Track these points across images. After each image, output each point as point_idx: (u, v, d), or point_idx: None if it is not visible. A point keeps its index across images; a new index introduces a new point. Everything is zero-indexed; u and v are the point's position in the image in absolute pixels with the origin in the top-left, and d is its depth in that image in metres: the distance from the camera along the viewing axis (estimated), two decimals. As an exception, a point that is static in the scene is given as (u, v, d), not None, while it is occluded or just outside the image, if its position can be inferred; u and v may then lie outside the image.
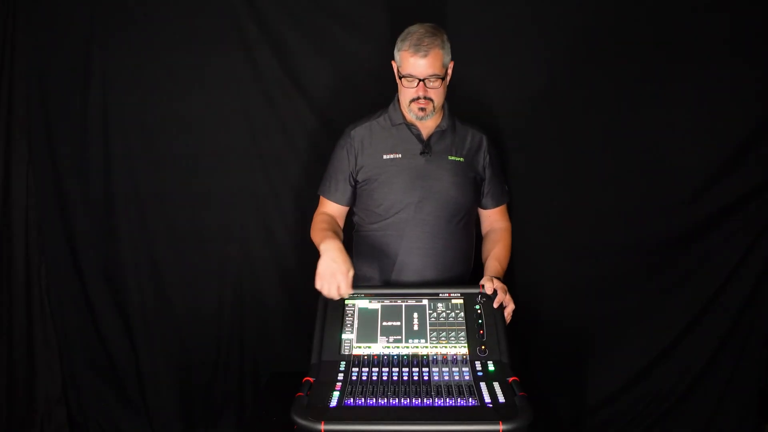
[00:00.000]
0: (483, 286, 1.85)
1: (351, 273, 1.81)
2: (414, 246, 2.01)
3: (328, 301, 1.82)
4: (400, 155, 2.01)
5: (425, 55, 1.87)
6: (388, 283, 2.03)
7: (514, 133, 2.47)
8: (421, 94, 1.91)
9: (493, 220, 2.16)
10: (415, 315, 1.80)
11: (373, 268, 2.07)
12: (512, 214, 2.27)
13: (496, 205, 2.15)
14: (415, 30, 1.91)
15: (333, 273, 1.80)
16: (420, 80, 1.90)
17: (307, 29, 2.42)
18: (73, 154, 2.48)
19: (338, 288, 1.79)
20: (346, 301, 1.83)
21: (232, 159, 2.49)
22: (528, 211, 2.49)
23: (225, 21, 2.41)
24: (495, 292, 1.82)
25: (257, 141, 2.49)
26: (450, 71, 1.98)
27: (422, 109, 1.94)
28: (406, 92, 1.95)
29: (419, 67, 1.89)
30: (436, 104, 1.95)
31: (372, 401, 1.50)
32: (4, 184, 2.47)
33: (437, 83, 1.91)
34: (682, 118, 2.44)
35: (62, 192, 2.49)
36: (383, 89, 2.23)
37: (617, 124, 2.46)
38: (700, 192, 2.48)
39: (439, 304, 1.82)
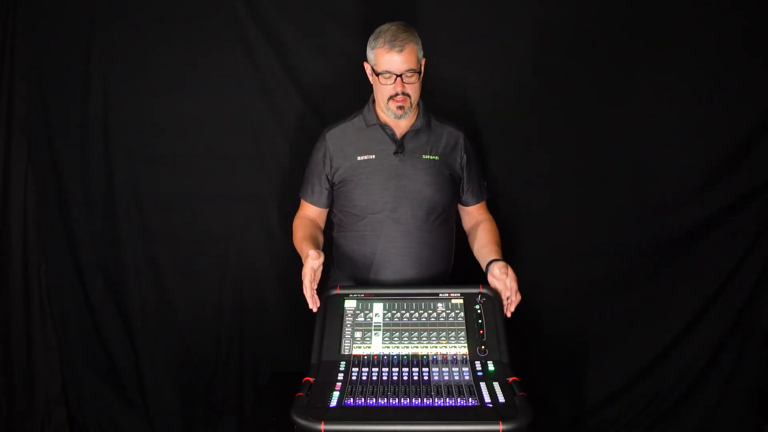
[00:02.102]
0: (499, 272, 1.85)
1: (320, 258, 1.82)
2: (391, 245, 2.01)
3: (328, 301, 1.82)
4: (373, 156, 2.01)
5: (401, 50, 1.88)
6: (367, 283, 2.03)
7: (512, 133, 2.47)
8: (399, 89, 1.92)
9: (475, 216, 2.17)
10: (415, 315, 1.80)
11: (351, 267, 2.08)
12: (512, 214, 2.27)
13: (477, 202, 2.15)
14: (388, 27, 1.92)
15: (310, 283, 1.81)
16: (397, 76, 1.90)
17: (308, 29, 2.42)
18: (73, 154, 2.48)
19: (312, 271, 1.79)
20: (346, 301, 1.83)
21: (232, 159, 2.49)
22: (528, 212, 2.49)
23: (225, 21, 2.41)
24: (498, 295, 1.83)
25: (257, 141, 2.49)
26: (422, 68, 1.99)
27: (400, 107, 1.94)
28: (384, 90, 1.95)
29: (396, 63, 1.89)
30: (413, 100, 1.95)
31: (372, 401, 1.50)
32: (4, 184, 2.47)
33: (414, 78, 1.92)
34: (682, 118, 2.44)
35: (62, 192, 2.50)
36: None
37: (617, 125, 2.46)
38: (700, 192, 2.48)
39: (439, 304, 1.82)
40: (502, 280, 1.84)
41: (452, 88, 2.43)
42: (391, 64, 1.90)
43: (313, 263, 1.80)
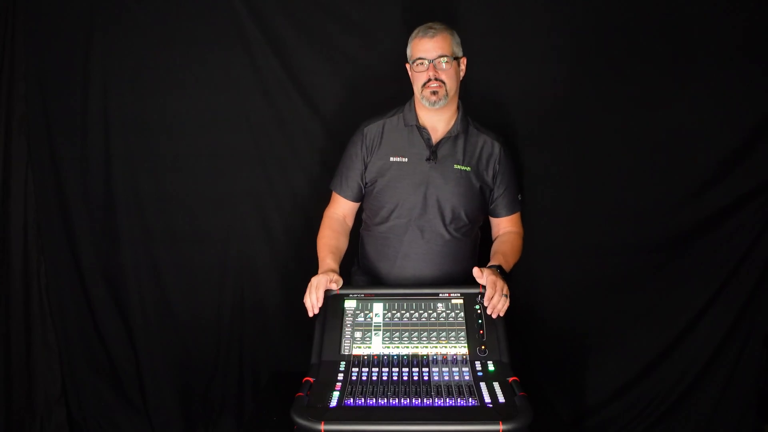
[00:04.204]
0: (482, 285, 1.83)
1: (334, 283, 1.85)
2: (412, 251, 2.01)
3: (328, 301, 1.82)
4: (406, 159, 2.01)
5: (434, 36, 1.92)
6: (387, 285, 2.03)
7: (516, 134, 2.47)
8: (432, 74, 1.92)
9: (503, 228, 2.15)
10: (415, 315, 1.80)
11: (374, 267, 2.08)
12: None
13: (507, 214, 2.13)
14: (424, 23, 1.97)
15: (317, 285, 1.82)
16: (430, 61, 1.92)
17: (308, 30, 2.42)
18: (73, 154, 2.48)
19: (316, 297, 1.80)
20: (346, 302, 1.83)
21: (232, 159, 2.49)
22: (529, 211, 2.49)
23: (225, 21, 2.40)
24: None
25: (257, 141, 2.49)
26: (463, 66, 2.00)
27: (434, 93, 1.93)
28: (418, 77, 1.95)
29: (428, 50, 1.92)
30: (448, 88, 1.94)
31: (372, 401, 1.50)
32: (4, 184, 2.47)
33: (448, 65, 1.93)
34: (683, 118, 2.44)
35: (62, 192, 2.50)
36: (383, 89, 2.23)
37: (617, 125, 2.46)
38: (700, 192, 2.47)
39: (439, 304, 1.82)
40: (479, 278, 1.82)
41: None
42: (424, 50, 1.93)
43: (331, 283, 1.83)
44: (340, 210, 2.12)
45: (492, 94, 2.45)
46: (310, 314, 1.80)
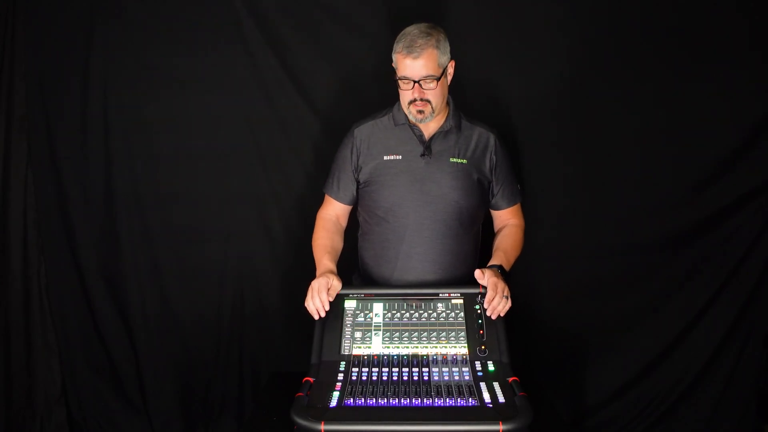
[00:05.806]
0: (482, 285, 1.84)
1: (335, 287, 1.85)
2: (414, 251, 1.99)
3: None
4: (400, 157, 1.99)
5: (418, 56, 1.85)
6: (390, 285, 2.02)
7: (516, 134, 2.47)
8: (417, 96, 1.89)
9: (505, 219, 2.14)
10: (415, 315, 1.80)
11: (375, 270, 2.06)
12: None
13: (509, 206, 2.12)
14: (409, 31, 1.89)
15: (318, 289, 1.82)
16: (415, 82, 1.88)
17: (308, 29, 2.42)
18: (73, 154, 2.48)
19: (320, 300, 1.80)
20: (346, 302, 1.83)
21: (232, 159, 2.49)
22: (530, 211, 2.49)
23: (225, 20, 2.40)
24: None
25: (257, 141, 2.49)
26: (451, 70, 1.96)
27: (420, 111, 1.92)
28: (404, 95, 1.93)
29: (413, 69, 1.87)
30: (434, 105, 1.91)
31: (372, 401, 1.50)
32: (4, 184, 2.47)
33: (433, 84, 1.88)
34: (682, 118, 2.44)
35: (62, 192, 2.50)
36: (383, 89, 2.22)
37: (616, 126, 2.46)
38: (700, 192, 2.48)
39: (439, 304, 1.82)
40: (481, 280, 1.83)
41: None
42: (409, 70, 1.87)
43: (332, 286, 1.82)
44: (333, 212, 2.11)
45: (492, 94, 2.45)
46: (316, 317, 1.79)
